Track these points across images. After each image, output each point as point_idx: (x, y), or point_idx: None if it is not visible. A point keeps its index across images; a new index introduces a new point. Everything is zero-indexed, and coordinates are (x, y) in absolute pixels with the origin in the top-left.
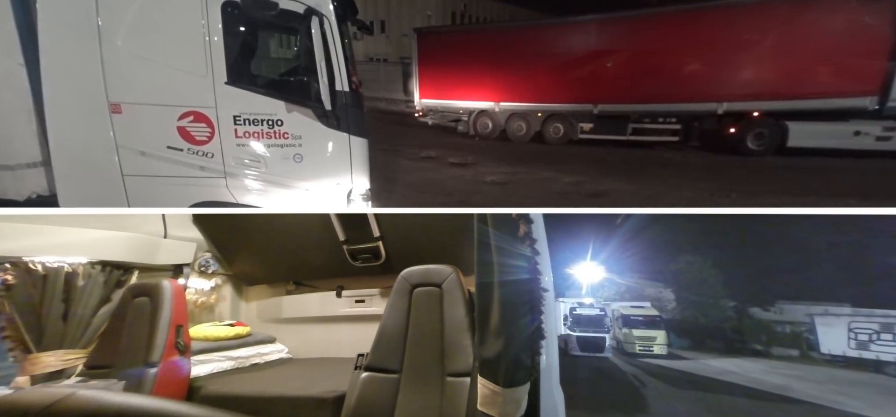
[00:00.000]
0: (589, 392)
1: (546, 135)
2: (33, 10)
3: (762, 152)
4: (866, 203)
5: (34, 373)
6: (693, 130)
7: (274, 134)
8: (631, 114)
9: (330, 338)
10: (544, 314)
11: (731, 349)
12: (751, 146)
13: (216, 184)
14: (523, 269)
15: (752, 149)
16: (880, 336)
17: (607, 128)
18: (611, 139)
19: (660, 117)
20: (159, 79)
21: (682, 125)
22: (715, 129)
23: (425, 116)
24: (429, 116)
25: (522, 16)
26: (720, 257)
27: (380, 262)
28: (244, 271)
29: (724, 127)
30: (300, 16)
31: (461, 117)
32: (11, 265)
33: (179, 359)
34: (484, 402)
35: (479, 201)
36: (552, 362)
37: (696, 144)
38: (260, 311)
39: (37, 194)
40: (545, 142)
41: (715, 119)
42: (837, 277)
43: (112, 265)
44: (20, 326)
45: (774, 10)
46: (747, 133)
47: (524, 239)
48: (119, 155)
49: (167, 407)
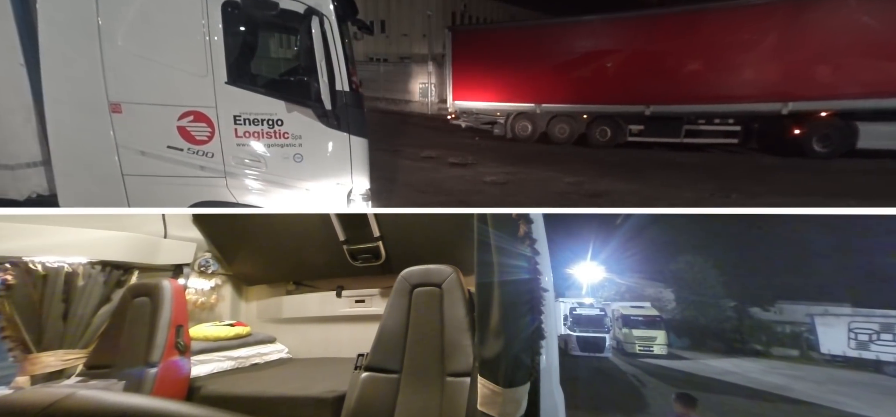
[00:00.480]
0: (589, 392)
1: (591, 138)
2: (33, 10)
3: (828, 155)
4: (866, 203)
5: (34, 373)
6: (752, 132)
7: (274, 134)
8: (685, 115)
9: (330, 338)
10: (544, 314)
11: (731, 349)
12: (817, 148)
13: (216, 184)
14: (523, 269)
15: (817, 151)
16: (880, 336)
17: (659, 130)
18: (662, 142)
19: (715, 119)
20: (159, 79)
21: (740, 127)
22: (777, 130)
23: (458, 119)
24: (462, 119)
25: (523, 16)
26: (720, 257)
27: (380, 262)
28: (244, 271)
29: (788, 128)
30: (300, 16)
31: (497, 120)
32: (11, 265)
33: (179, 359)
34: (484, 402)
35: (479, 201)
36: (552, 362)
37: (755, 146)
38: (260, 311)
39: (37, 193)
40: (589, 145)
41: (777, 120)
42: (837, 277)
43: (112, 265)
44: (20, 326)
45: (847, 3)
46: (814, 135)
47: (524, 239)
48: (119, 155)
49: (167, 407)
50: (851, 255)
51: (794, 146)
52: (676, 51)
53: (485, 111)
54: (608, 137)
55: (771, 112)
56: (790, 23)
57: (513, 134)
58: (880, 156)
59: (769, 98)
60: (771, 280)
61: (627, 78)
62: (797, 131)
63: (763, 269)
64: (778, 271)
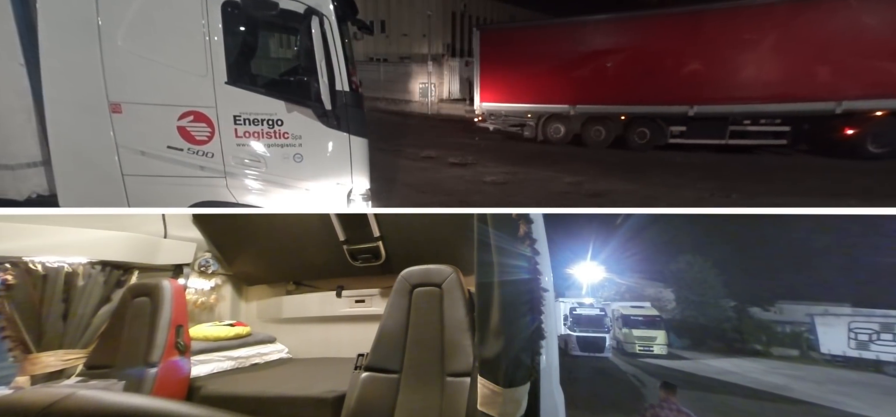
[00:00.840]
0: (589, 392)
1: (628, 140)
2: (33, 10)
3: (883, 156)
4: (866, 203)
5: (34, 373)
6: (802, 133)
7: (274, 134)
8: (730, 115)
9: (330, 338)
10: (544, 314)
11: (731, 349)
12: (871, 149)
13: (216, 184)
14: (523, 269)
15: (872, 152)
16: (880, 336)
17: (702, 131)
18: (706, 144)
19: (761, 119)
20: (159, 78)
21: (789, 127)
22: (828, 131)
23: (485, 121)
24: (489, 121)
25: (522, 16)
26: (720, 257)
27: (380, 262)
28: (244, 271)
29: (840, 128)
30: (300, 16)
31: (526, 122)
32: (11, 265)
33: (179, 359)
34: (484, 402)
35: (479, 201)
36: (552, 362)
37: (804, 147)
38: (260, 311)
39: (37, 193)
40: (626, 147)
41: (829, 120)
42: (837, 277)
43: (112, 265)
44: (20, 326)
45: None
46: (868, 135)
47: (524, 239)
48: (119, 155)
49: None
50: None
51: (847, 147)
52: (724, 47)
53: (514, 113)
54: (647, 139)
55: (823, 112)
56: (844, 18)
57: (544, 136)
58: None
59: (822, 97)
60: (771, 280)
61: (670, 76)
62: (850, 132)
63: (763, 269)
64: (778, 271)
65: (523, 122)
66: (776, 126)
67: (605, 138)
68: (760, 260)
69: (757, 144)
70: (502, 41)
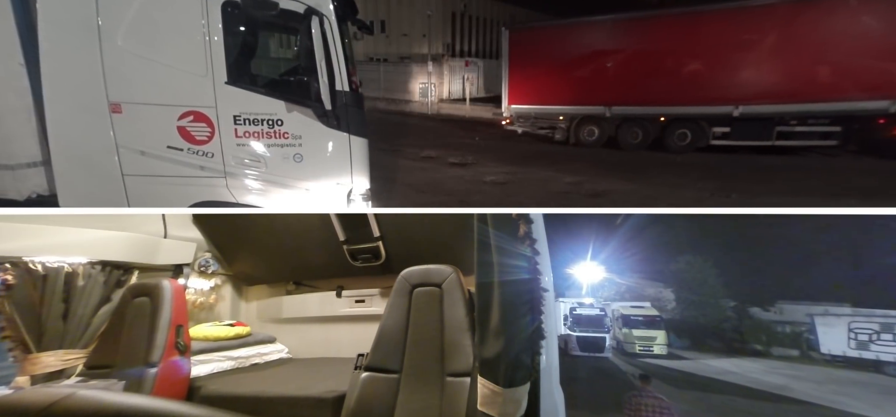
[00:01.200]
0: (589, 392)
1: (668, 142)
2: (33, 10)
3: None
4: (866, 203)
5: (34, 373)
6: (852, 133)
7: (274, 134)
8: (777, 116)
9: (330, 338)
10: (544, 314)
11: (731, 349)
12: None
13: (216, 184)
14: (523, 269)
15: None
16: (880, 336)
17: (747, 132)
18: (751, 145)
19: (809, 119)
20: (159, 79)
21: (839, 127)
22: (880, 131)
23: (513, 124)
24: (517, 124)
25: (522, 16)
26: (720, 257)
27: (380, 262)
28: (244, 271)
29: (893, 129)
30: (300, 16)
31: (557, 124)
32: (11, 265)
33: (179, 359)
34: (484, 402)
35: (479, 201)
36: (552, 362)
37: (854, 148)
38: (260, 311)
39: (37, 193)
40: (665, 150)
41: (881, 120)
42: (837, 277)
43: (112, 265)
44: (20, 326)
45: None
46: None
47: (524, 239)
48: (119, 155)
49: (167, 407)
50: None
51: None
52: (772, 45)
53: (544, 115)
54: (688, 141)
55: (875, 111)
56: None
57: (576, 139)
58: None
59: (876, 96)
60: (771, 280)
61: (715, 76)
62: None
63: (763, 269)
64: (778, 270)
65: (554, 124)
66: (825, 126)
67: (642, 141)
68: (760, 260)
69: (805, 146)
70: (533, 41)
